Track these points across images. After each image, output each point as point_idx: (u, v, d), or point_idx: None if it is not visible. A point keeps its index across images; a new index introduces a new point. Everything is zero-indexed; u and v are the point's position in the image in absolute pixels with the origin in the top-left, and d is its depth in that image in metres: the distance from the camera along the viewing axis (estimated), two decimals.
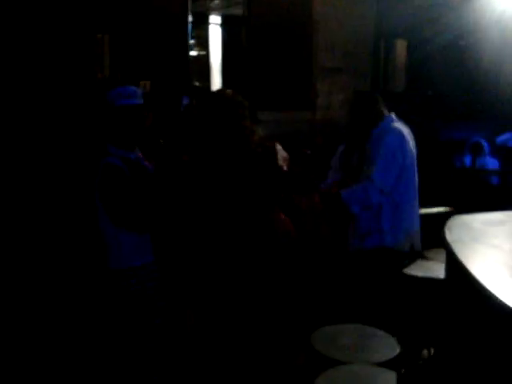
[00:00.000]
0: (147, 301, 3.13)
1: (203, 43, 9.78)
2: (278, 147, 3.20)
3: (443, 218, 3.72)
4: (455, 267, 2.59)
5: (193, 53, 8.20)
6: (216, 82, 9.55)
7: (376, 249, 3.89)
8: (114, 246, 3.11)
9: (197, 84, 8.27)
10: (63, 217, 5.14)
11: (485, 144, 6.90)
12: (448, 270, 2.94)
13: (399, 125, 3.93)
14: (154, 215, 3.04)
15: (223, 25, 9.58)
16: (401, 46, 7.95)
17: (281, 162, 3.12)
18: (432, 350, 3.57)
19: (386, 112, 3.99)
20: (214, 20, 9.59)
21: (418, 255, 3.98)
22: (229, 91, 3.21)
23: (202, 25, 9.44)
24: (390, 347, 2.53)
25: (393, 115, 4.00)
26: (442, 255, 3.60)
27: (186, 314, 3.45)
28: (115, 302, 3.18)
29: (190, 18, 6.77)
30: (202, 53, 9.79)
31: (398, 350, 2.50)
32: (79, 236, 4.84)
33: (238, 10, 7.76)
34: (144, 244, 3.11)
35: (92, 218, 3.29)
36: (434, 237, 3.75)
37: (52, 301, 4.54)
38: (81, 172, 4.93)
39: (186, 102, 6.03)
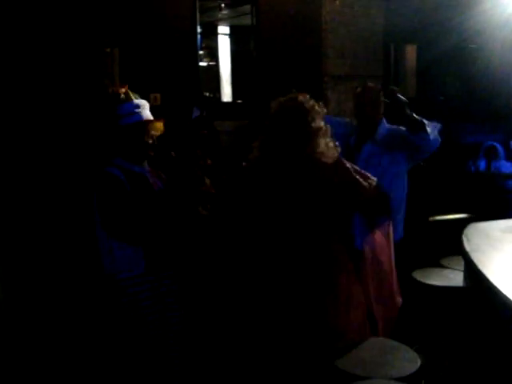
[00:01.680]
0: (138, 312, 3.10)
1: (212, 53, 9.82)
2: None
3: (459, 225, 3.67)
4: (475, 276, 2.55)
5: (202, 63, 8.21)
6: (226, 92, 9.56)
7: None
8: (107, 255, 3.09)
9: (207, 94, 8.28)
10: (64, 224, 5.17)
11: (499, 148, 6.83)
12: (467, 279, 2.91)
13: None
14: (146, 228, 3.02)
15: (232, 35, 9.61)
16: (410, 51, 7.91)
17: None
18: (453, 361, 3.51)
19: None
20: (223, 30, 9.62)
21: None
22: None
23: (210, 35, 9.47)
24: (410, 361, 2.47)
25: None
26: (458, 263, 3.56)
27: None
28: (108, 309, 3.19)
29: (199, 29, 6.77)
30: (212, 63, 9.81)
31: (418, 364, 2.44)
32: (78, 242, 4.85)
33: (245, 20, 7.76)
34: (137, 255, 3.09)
35: (90, 226, 3.29)
36: (450, 244, 3.71)
37: (48, 304, 4.54)
38: (85, 181, 4.97)
39: (196, 113, 6.01)
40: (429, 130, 3.50)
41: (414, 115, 3.53)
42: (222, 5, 8.19)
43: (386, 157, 3.68)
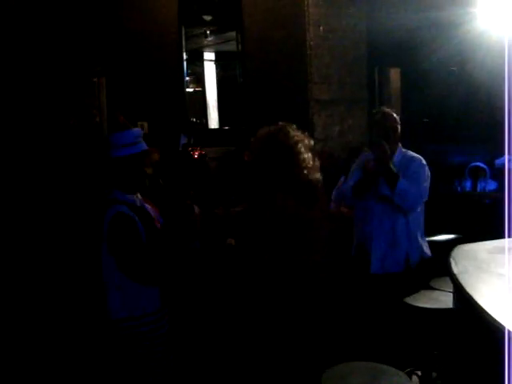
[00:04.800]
0: (152, 349, 3.05)
1: (198, 79, 9.87)
2: None
3: (447, 246, 3.70)
4: (463, 299, 2.57)
5: (188, 89, 8.26)
6: (213, 118, 9.60)
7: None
8: (117, 296, 3.00)
9: (193, 120, 8.31)
10: (64, 265, 5.10)
11: (484, 167, 6.90)
12: (456, 301, 2.92)
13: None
14: (163, 267, 2.96)
15: (217, 61, 9.68)
16: (394, 74, 8.01)
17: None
18: (444, 382, 3.52)
19: None
20: (208, 56, 9.69)
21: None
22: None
23: (196, 61, 9.53)
24: None
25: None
26: (447, 284, 3.58)
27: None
28: (119, 353, 3.11)
29: (185, 56, 6.84)
30: (198, 89, 9.86)
31: None
32: (81, 286, 4.79)
33: (230, 47, 7.84)
34: (150, 292, 3.04)
35: (94, 268, 3.23)
36: (439, 265, 3.74)
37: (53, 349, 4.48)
38: (80, 218, 4.92)
39: (183, 141, 6.05)
40: (400, 188, 3.72)
41: (393, 168, 3.75)
42: (208, 31, 8.27)
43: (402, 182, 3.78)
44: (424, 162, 3.98)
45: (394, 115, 4.07)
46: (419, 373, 3.55)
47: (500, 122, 7.13)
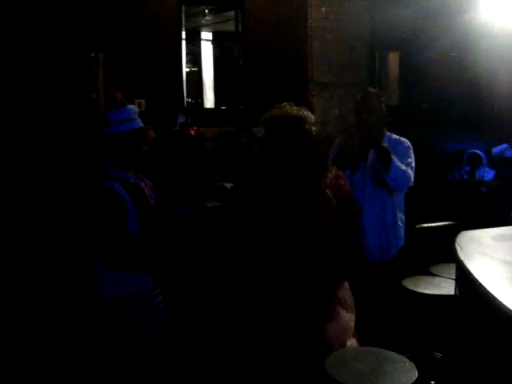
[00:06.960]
0: (145, 328, 3.03)
1: (195, 59, 9.77)
2: None
3: (444, 232, 3.66)
4: (469, 285, 2.54)
5: (185, 69, 8.17)
6: (209, 98, 9.53)
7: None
8: (107, 273, 2.94)
9: (189, 100, 8.23)
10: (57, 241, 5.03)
11: (482, 155, 6.89)
12: (460, 287, 2.89)
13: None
14: (151, 256, 2.94)
15: (214, 41, 9.58)
16: (393, 58, 7.94)
17: None
18: (444, 368, 3.51)
19: None
20: (205, 36, 9.59)
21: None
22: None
23: (193, 41, 9.43)
24: (406, 371, 2.44)
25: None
26: (448, 270, 3.57)
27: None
28: (110, 331, 3.09)
29: (183, 35, 6.74)
30: (194, 69, 9.77)
31: (416, 375, 2.41)
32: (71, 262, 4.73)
33: (228, 27, 7.74)
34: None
35: (85, 245, 3.19)
36: (437, 251, 3.71)
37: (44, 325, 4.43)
38: (77, 192, 4.86)
39: (181, 119, 5.98)
40: (393, 167, 3.56)
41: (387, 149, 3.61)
42: (206, 10, 8.16)
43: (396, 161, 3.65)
44: (410, 144, 3.87)
45: (378, 96, 3.93)
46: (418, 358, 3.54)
47: (499, 110, 7.16)
